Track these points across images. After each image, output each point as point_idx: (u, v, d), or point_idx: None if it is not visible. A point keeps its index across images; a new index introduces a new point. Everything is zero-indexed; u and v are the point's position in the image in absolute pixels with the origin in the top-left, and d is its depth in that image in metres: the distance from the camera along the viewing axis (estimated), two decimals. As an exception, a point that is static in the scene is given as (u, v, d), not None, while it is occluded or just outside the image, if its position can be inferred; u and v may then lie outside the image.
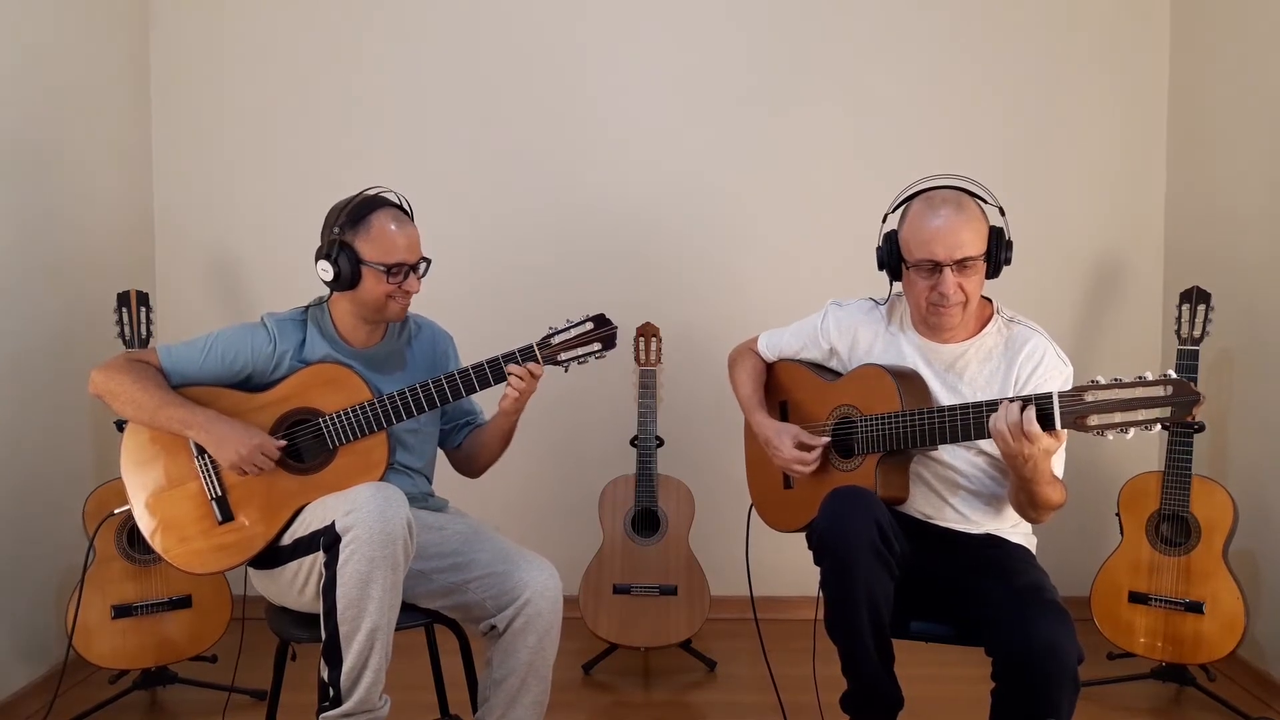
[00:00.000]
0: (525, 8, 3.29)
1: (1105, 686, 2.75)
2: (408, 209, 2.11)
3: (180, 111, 3.31)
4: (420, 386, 1.98)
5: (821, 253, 3.27)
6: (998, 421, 1.74)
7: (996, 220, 1.98)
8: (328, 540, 1.83)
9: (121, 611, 2.59)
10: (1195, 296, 2.68)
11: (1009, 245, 1.96)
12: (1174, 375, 1.62)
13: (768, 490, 2.27)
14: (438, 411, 2.20)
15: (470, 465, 2.29)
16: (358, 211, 2.04)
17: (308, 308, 2.14)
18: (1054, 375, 1.94)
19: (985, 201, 1.99)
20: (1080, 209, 3.30)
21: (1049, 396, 1.70)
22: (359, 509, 1.81)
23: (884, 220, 2.06)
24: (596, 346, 2.00)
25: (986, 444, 1.92)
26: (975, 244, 1.90)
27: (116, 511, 2.23)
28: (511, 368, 1.99)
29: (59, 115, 2.85)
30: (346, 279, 2.02)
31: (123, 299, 2.69)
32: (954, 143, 3.26)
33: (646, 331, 2.96)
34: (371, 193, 2.08)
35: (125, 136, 3.20)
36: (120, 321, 2.69)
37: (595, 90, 3.31)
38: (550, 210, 3.32)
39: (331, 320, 2.11)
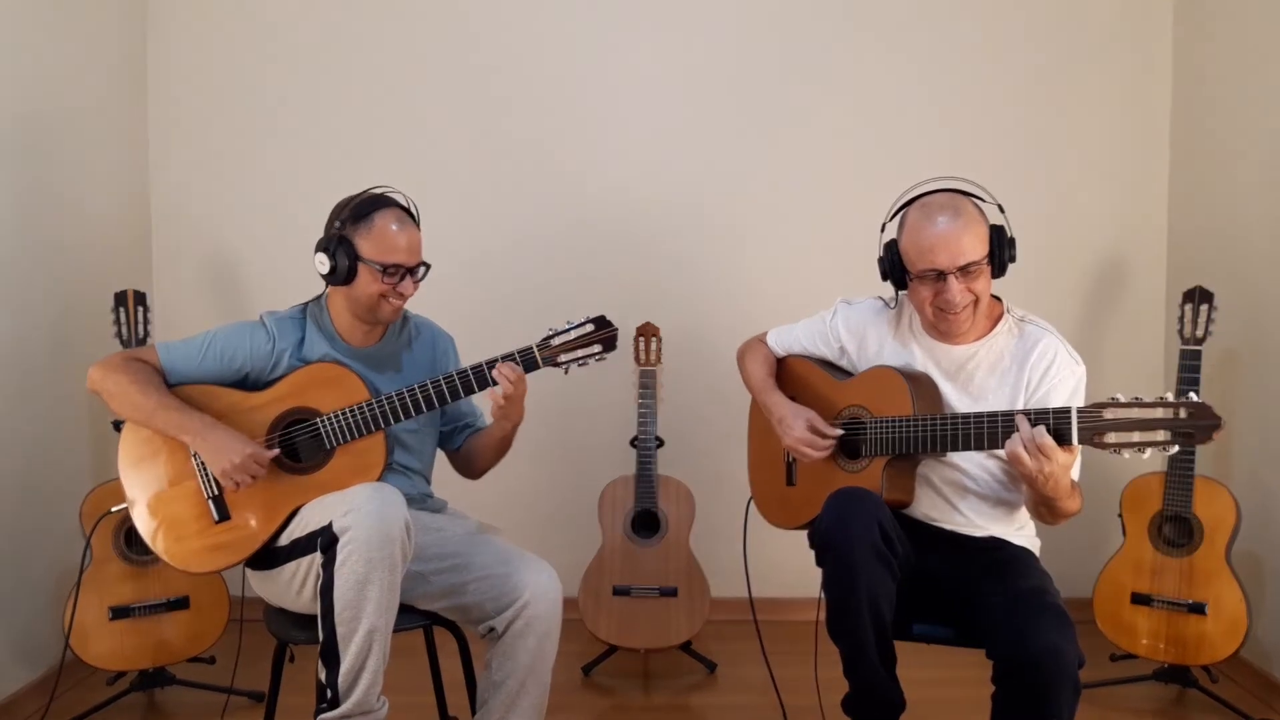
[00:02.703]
0: (527, 9, 3.27)
1: (1108, 688, 2.74)
2: (414, 212, 2.10)
3: (178, 111, 3.29)
4: (419, 387, 1.97)
5: (823, 253, 3.26)
6: (1013, 445, 1.73)
7: (996, 218, 1.96)
8: (325, 541, 1.82)
9: (119, 613, 2.58)
10: (1198, 296, 2.67)
11: (1011, 242, 1.94)
12: (1196, 398, 1.60)
13: (769, 486, 2.26)
14: (437, 412, 2.18)
15: (469, 468, 2.29)
16: (362, 208, 2.03)
17: (306, 306, 2.13)
18: (1066, 376, 1.92)
19: (982, 200, 1.97)
20: (1083, 209, 3.30)
21: (1067, 412, 1.69)
22: (356, 509, 1.80)
23: (882, 229, 2.03)
24: (597, 348, 1.99)
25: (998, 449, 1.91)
26: (977, 248, 1.88)
27: (114, 509, 2.22)
28: (498, 369, 1.96)
29: (56, 115, 2.84)
30: (342, 274, 2.01)
31: (120, 299, 2.69)
32: (957, 142, 3.25)
33: (646, 331, 2.95)
34: (379, 191, 2.07)
35: (122, 137, 3.18)
36: (117, 321, 2.68)
37: (597, 91, 3.30)
38: (551, 211, 3.31)
39: (330, 318, 2.11)
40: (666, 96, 3.30)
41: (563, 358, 1.99)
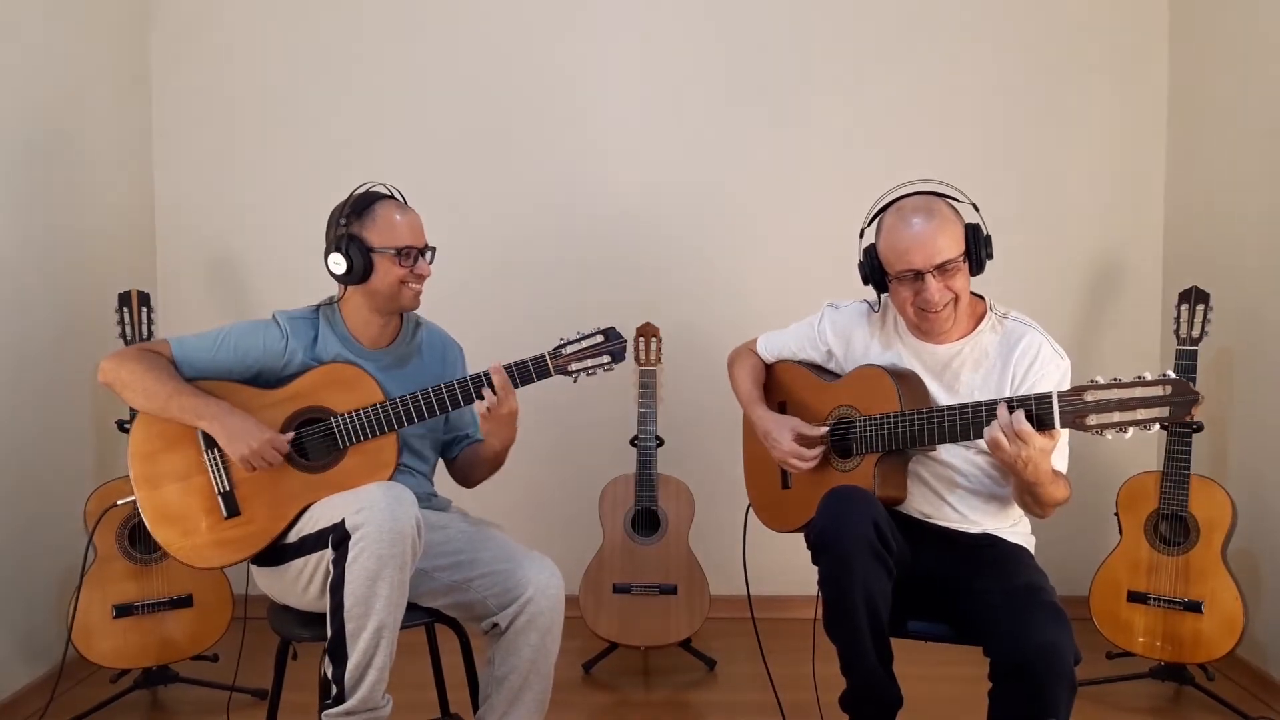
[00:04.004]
0: (528, 10, 3.29)
1: (1104, 686, 2.75)
2: (403, 199, 2.14)
3: (181, 111, 3.31)
4: (433, 391, 1.98)
5: (822, 253, 3.24)
6: (992, 431, 1.75)
7: (972, 217, 1.98)
8: (337, 537, 1.84)
9: (122, 611, 2.60)
10: (1194, 296, 2.68)
11: (988, 240, 1.96)
12: (1173, 375, 1.62)
13: (765, 490, 2.27)
14: (440, 417, 2.20)
15: (464, 478, 2.30)
16: (360, 203, 2.07)
17: (319, 307, 2.15)
18: (1051, 370, 1.94)
19: (957, 200, 1.99)
20: (1080, 209, 3.31)
21: (1048, 396, 1.71)
22: (369, 507, 1.81)
23: (860, 235, 2.06)
24: (606, 359, 2.02)
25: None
26: (952, 247, 1.91)
27: (120, 503, 2.23)
28: (491, 374, 1.98)
29: (60, 115, 2.86)
30: (360, 270, 2.03)
31: (124, 299, 2.70)
32: (954, 144, 3.27)
33: (646, 331, 2.97)
34: (368, 187, 2.11)
35: (126, 137, 3.20)
36: (121, 321, 2.70)
37: (596, 92, 3.31)
38: (551, 211, 3.33)
39: (343, 319, 2.12)
40: (666, 100, 3.31)
41: (573, 366, 2.01)
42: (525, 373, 2.00)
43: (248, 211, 3.33)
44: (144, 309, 2.71)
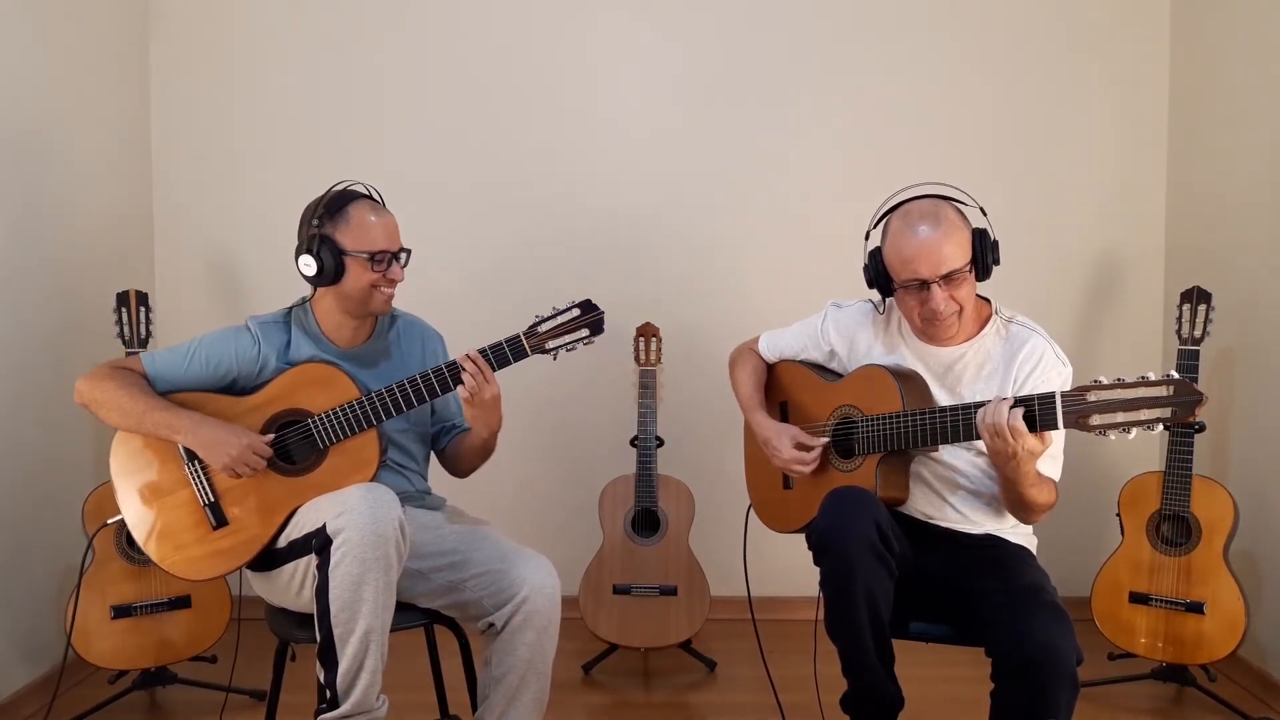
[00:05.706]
0: (528, 8, 3.28)
1: (1106, 687, 2.74)
2: (380, 199, 2.11)
3: (180, 111, 3.30)
4: (408, 382, 1.96)
5: (822, 253, 3.25)
6: (985, 416, 1.74)
7: (979, 220, 1.96)
8: (319, 543, 1.83)
9: (121, 612, 2.59)
10: (1196, 296, 2.67)
11: (995, 245, 1.94)
12: (1176, 375, 1.61)
13: (767, 491, 2.27)
14: (427, 409, 2.18)
15: (454, 468, 2.28)
16: (334, 204, 2.03)
17: (290, 310, 2.13)
18: (1052, 375, 1.93)
19: (965, 204, 1.97)
20: (1081, 209, 3.30)
21: (1051, 396, 1.70)
22: (349, 511, 1.80)
23: (866, 238, 2.04)
24: (584, 333, 1.99)
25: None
26: (959, 255, 1.89)
27: (110, 522, 2.23)
28: (463, 361, 1.95)
29: (59, 115, 2.85)
30: (330, 272, 2.01)
31: (122, 299, 2.69)
32: (954, 143, 3.26)
33: (646, 331, 2.96)
34: (344, 186, 2.08)
35: (125, 136, 3.19)
36: (120, 321, 2.69)
37: (597, 91, 3.31)
38: (551, 210, 3.32)
39: (315, 320, 2.10)
40: (666, 100, 3.30)
41: (551, 344, 1.98)
42: (501, 355, 1.96)
43: (246, 211, 3.32)
44: (142, 309, 2.71)
